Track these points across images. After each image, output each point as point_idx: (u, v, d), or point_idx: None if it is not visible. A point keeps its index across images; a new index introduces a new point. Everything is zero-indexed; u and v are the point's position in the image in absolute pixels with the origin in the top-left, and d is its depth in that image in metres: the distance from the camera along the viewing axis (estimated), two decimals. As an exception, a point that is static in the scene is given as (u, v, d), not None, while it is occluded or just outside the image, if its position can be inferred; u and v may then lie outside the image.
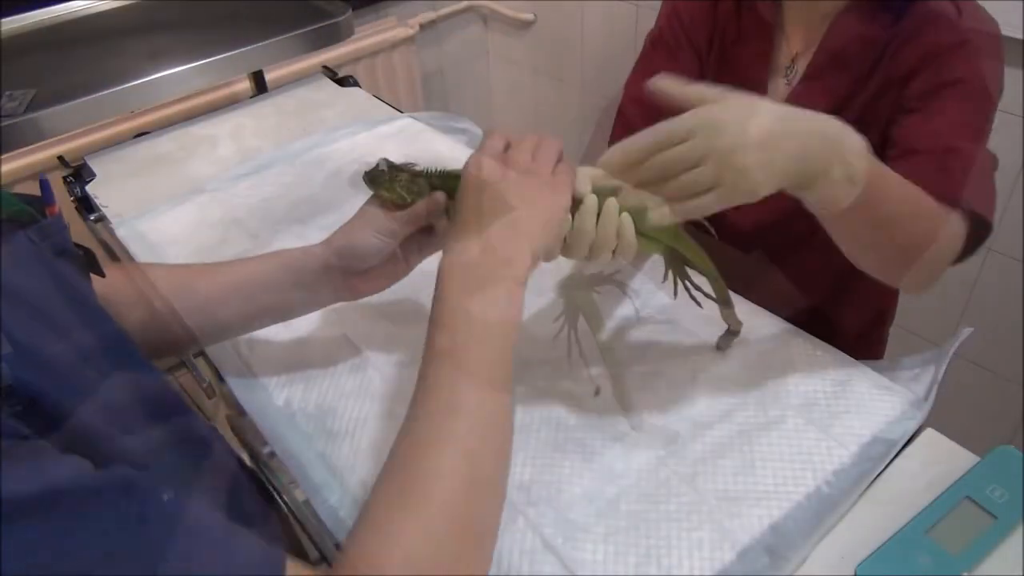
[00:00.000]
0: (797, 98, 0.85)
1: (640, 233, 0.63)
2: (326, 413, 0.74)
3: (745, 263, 0.91)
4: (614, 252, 0.62)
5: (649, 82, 0.61)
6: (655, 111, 0.98)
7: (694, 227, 0.68)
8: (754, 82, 0.88)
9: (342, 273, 0.69)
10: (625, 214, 0.61)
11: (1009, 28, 1.21)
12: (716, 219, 0.73)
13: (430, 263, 0.92)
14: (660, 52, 0.96)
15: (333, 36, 1.30)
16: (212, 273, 0.71)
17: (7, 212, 0.49)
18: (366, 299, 0.72)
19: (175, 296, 0.68)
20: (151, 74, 1.12)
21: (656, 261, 0.78)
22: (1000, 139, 1.31)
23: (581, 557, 0.60)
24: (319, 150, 1.18)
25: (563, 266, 0.87)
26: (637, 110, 0.98)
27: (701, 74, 0.94)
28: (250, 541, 0.41)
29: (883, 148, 0.77)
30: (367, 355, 0.80)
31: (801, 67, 0.84)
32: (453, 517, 0.46)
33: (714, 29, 0.91)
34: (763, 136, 0.54)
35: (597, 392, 0.74)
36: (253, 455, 0.72)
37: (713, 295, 0.72)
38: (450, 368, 0.51)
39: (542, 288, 0.85)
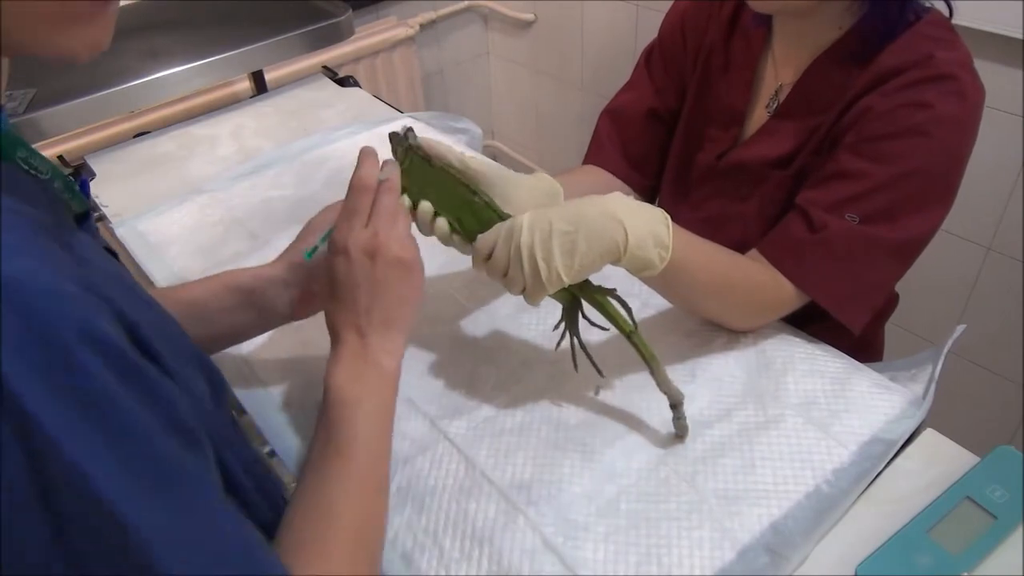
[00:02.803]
0: (769, 132, 0.84)
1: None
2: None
3: None
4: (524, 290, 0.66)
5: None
6: (625, 127, 1.00)
7: (619, 301, 0.68)
8: (733, 109, 0.88)
9: (296, 289, 0.71)
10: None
11: (1009, 28, 1.21)
12: (707, 233, 0.73)
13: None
14: (648, 69, 0.98)
15: (333, 36, 1.30)
16: (159, 297, 0.71)
17: (79, 208, 0.50)
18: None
19: None
20: (151, 74, 1.13)
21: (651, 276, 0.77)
22: (1000, 139, 1.32)
23: (582, 556, 0.60)
24: (319, 150, 1.18)
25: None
26: (608, 123, 1.00)
27: (684, 92, 0.94)
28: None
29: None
30: (367, 355, 0.80)
31: (783, 99, 0.84)
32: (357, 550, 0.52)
33: (701, 48, 0.91)
34: (544, 237, 0.62)
35: (597, 392, 0.74)
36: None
37: (591, 364, 0.71)
38: (333, 455, 0.55)
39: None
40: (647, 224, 0.64)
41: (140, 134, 1.30)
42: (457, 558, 0.60)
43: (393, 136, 0.70)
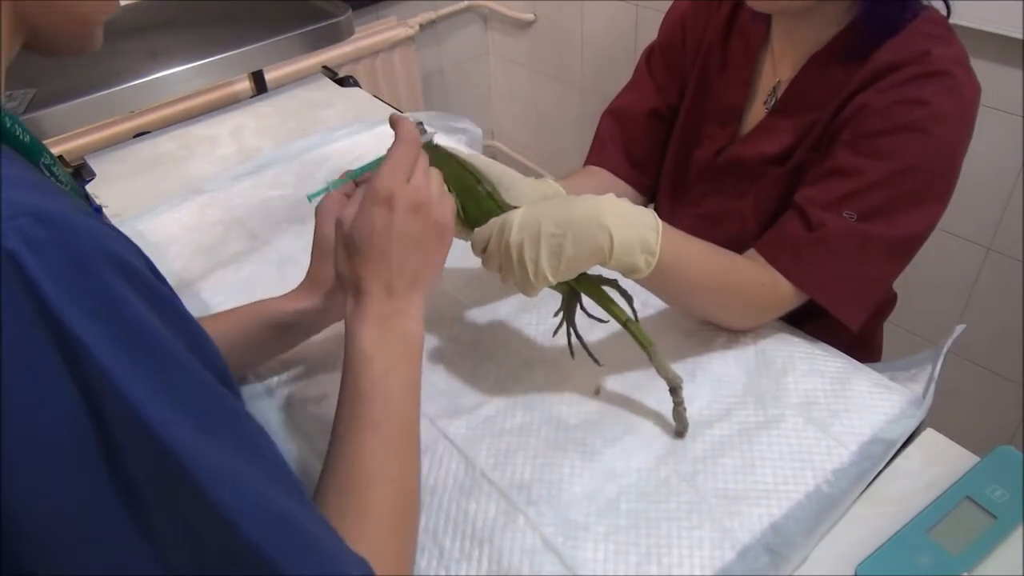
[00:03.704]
0: (766, 129, 0.85)
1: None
2: (326, 412, 0.74)
3: None
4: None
5: None
6: (627, 127, 1.00)
7: (619, 291, 0.69)
8: (731, 106, 0.88)
9: (333, 313, 0.73)
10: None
11: (1009, 28, 1.21)
12: (704, 229, 0.73)
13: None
14: (649, 69, 0.98)
15: (333, 36, 1.30)
16: None
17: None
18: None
19: None
20: (151, 74, 1.12)
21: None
22: (1000, 139, 1.32)
23: (582, 556, 0.60)
24: (319, 150, 1.18)
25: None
26: (609, 124, 1.00)
27: (683, 91, 0.95)
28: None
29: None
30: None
31: (780, 95, 0.84)
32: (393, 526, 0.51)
33: (700, 46, 0.91)
34: (532, 238, 0.63)
35: (597, 392, 0.74)
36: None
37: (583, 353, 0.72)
38: (368, 427, 0.54)
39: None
40: (634, 229, 0.65)
41: (140, 134, 1.30)
42: (457, 558, 0.60)
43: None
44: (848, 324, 0.75)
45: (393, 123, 0.61)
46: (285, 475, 0.42)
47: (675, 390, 0.67)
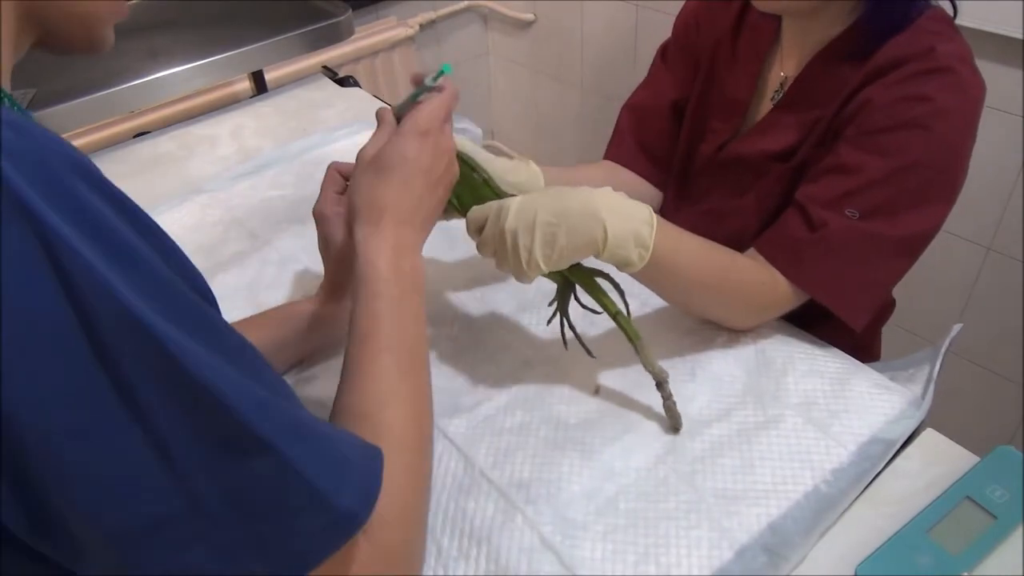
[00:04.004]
0: (770, 125, 0.85)
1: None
2: (327, 411, 0.73)
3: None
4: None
5: None
6: (645, 122, 1.00)
7: (611, 283, 0.69)
8: (736, 100, 0.88)
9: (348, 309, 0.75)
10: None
11: (1009, 28, 1.21)
12: (707, 225, 0.73)
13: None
14: (665, 63, 0.99)
15: (333, 36, 1.30)
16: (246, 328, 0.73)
17: None
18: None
19: None
20: (151, 74, 1.13)
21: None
22: (1000, 139, 1.32)
23: (580, 555, 0.60)
24: (319, 150, 1.18)
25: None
26: (628, 119, 1.00)
27: (693, 86, 0.95)
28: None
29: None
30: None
31: (786, 91, 0.84)
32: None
33: (712, 42, 0.91)
34: (528, 226, 0.64)
35: (597, 391, 0.74)
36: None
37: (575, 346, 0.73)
38: (375, 342, 0.55)
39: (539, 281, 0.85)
40: (629, 223, 0.65)
41: (140, 134, 1.30)
42: (455, 556, 0.60)
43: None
44: (851, 325, 0.75)
45: (440, 88, 0.64)
46: (278, 380, 0.43)
47: (661, 384, 0.68)
